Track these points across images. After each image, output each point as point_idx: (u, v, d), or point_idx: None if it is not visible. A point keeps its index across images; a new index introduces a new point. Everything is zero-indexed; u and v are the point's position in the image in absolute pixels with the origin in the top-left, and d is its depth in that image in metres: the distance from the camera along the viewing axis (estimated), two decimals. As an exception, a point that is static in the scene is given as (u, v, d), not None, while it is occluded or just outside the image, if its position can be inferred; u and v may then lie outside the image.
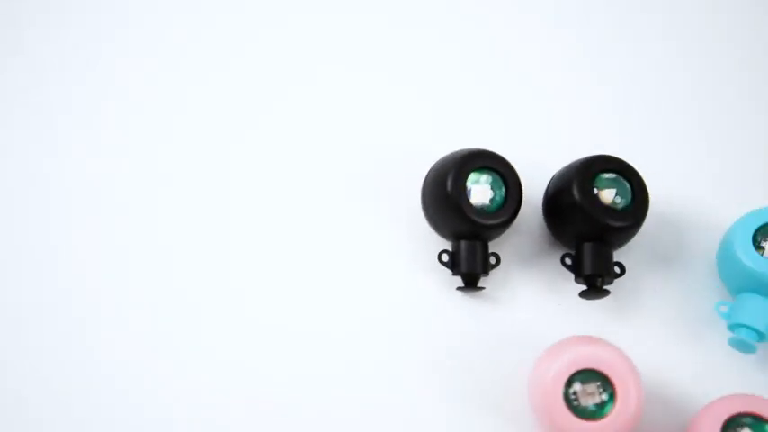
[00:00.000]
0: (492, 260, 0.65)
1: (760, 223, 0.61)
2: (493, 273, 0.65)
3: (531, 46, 0.74)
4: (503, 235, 0.66)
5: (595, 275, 0.63)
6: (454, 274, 0.64)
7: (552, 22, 0.75)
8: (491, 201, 0.63)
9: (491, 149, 0.64)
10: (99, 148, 0.69)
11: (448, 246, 0.65)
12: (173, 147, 0.69)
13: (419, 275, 0.66)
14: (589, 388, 0.57)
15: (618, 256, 0.65)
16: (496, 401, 0.62)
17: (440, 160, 0.64)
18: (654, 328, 0.64)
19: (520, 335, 0.64)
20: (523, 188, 0.64)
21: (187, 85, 0.71)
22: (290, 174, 0.69)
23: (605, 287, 0.63)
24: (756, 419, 0.54)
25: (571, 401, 0.56)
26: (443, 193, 0.63)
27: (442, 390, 0.62)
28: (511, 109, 0.72)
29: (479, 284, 0.64)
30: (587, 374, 0.57)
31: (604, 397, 0.56)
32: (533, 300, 0.65)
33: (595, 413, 0.56)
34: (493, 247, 0.65)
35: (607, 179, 0.63)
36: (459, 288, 0.64)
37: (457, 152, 0.64)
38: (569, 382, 0.56)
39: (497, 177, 0.63)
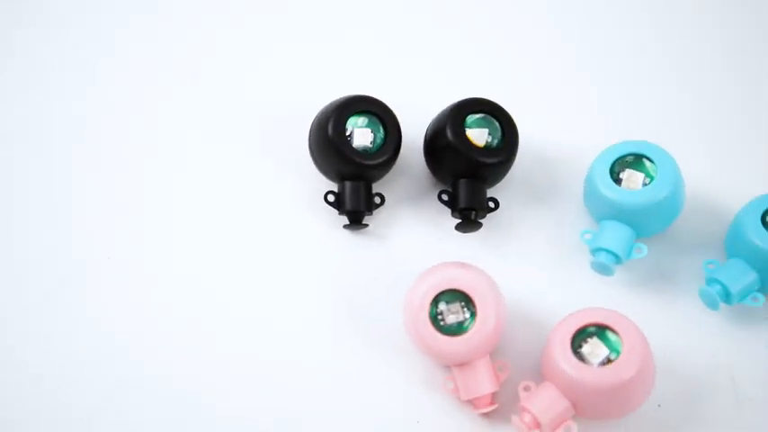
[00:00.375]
0: (377, 200, 0.70)
1: (616, 156, 0.66)
2: (379, 212, 0.70)
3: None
4: (388, 177, 0.71)
5: (469, 209, 0.68)
6: (340, 213, 0.69)
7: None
8: (372, 143, 0.68)
9: (374, 96, 0.68)
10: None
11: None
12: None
13: (309, 216, 0.70)
14: (453, 307, 0.61)
15: (495, 193, 0.70)
16: (382, 329, 0.66)
17: (323, 108, 0.69)
18: (527, 258, 0.69)
19: (404, 268, 0.68)
20: (406, 132, 0.69)
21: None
22: (191, 125, 0.74)
23: (479, 220, 0.68)
24: (600, 328, 0.60)
25: (437, 320, 0.61)
26: (326, 137, 0.67)
27: (332, 319, 0.67)
28: (395, 58, 0.77)
29: (365, 222, 0.69)
30: (452, 295, 0.61)
31: (467, 315, 0.61)
32: (416, 236, 0.70)
33: (458, 330, 0.61)
34: (379, 188, 0.70)
35: (478, 120, 0.68)
36: (345, 226, 0.69)
37: (337, 99, 0.68)
38: (435, 302, 0.61)
39: (376, 120, 0.68)
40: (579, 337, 0.60)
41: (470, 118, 0.68)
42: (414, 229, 0.70)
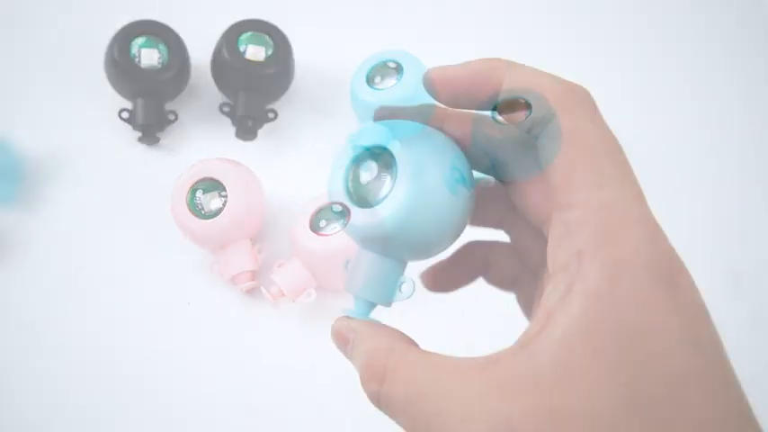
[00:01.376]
0: (171, 117, 0.77)
1: (371, 65, 0.74)
2: (174, 129, 0.77)
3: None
4: (183, 97, 0.78)
5: (246, 117, 0.75)
6: (134, 128, 0.76)
7: None
8: (159, 62, 0.75)
9: (162, 21, 0.76)
10: None
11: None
12: None
13: (107, 133, 0.78)
14: (210, 195, 0.68)
15: (281, 108, 0.77)
16: (164, 228, 0.72)
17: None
18: (302, 160, 0.77)
19: (194, 176, 0.75)
20: (201, 57, 0.77)
21: None
22: None
23: (256, 129, 0.76)
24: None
25: (197, 208, 0.68)
26: (113, 59, 0.75)
27: (121, 220, 0.74)
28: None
29: (157, 135, 0.76)
30: (209, 184, 0.68)
31: (224, 201, 0.68)
32: (206, 149, 0.77)
33: (214, 215, 0.68)
34: (174, 107, 0.77)
35: (251, 37, 0.76)
36: (139, 139, 0.76)
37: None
38: (194, 192, 0.68)
39: (159, 41, 0.76)
40: (319, 216, 0.67)
41: (245, 36, 0.76)
42: (204, 144, 0.78)
